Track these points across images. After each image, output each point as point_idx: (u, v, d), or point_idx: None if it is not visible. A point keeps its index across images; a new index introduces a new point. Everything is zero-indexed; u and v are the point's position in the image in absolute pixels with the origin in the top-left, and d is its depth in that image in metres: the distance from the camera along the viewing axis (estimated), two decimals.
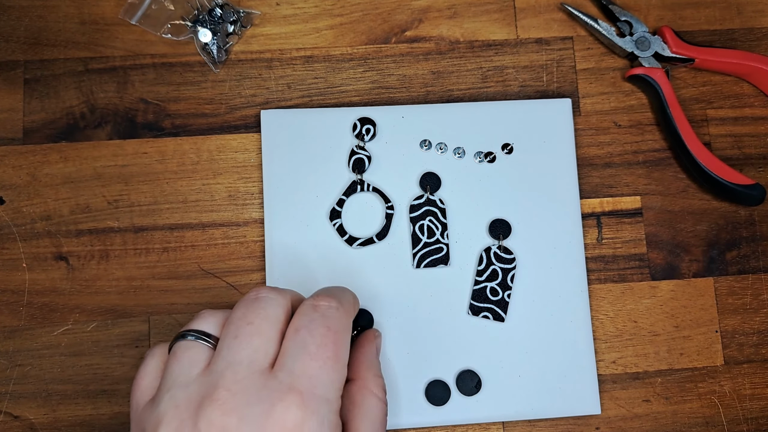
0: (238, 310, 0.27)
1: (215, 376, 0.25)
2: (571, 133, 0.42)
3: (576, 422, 0.40)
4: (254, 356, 0.25)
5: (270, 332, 0.26)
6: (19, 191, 0.41)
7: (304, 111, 0.41)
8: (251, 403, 0.24)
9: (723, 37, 0.45)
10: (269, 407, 0.23)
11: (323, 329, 0.26)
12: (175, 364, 0.26)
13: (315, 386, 0.24)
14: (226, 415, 0.23)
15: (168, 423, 0.24)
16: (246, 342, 0.25)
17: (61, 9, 0.43)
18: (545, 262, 0.40)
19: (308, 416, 0.24)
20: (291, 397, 0.24)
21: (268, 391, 0.24)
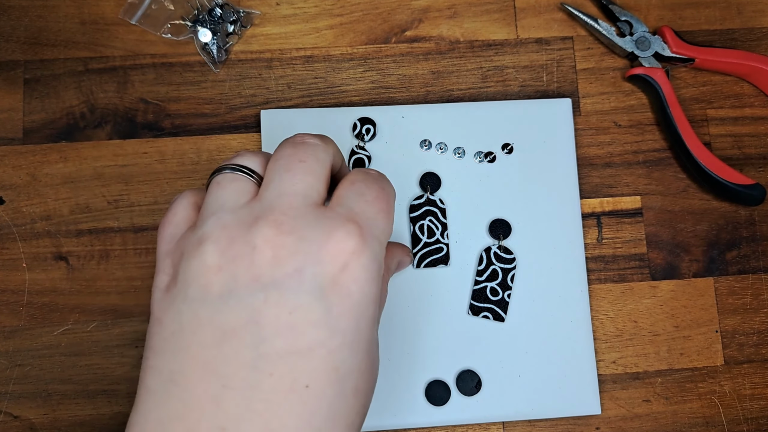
0: (285, 149, 0.25)
1: (268, 202, 0.24)
2: (571, 133, 0.42)
3: (576, 422, 0.40)
4: (309, 191, 0.24)
5: (321, 174, 0.25)
6: (19, 191, 0.41)
7: (304, 111, 0.41)
8: (310, 226, 0.23)
9: (723, 37, 0.45)
10: (329, 231, 0.23)
11: (378, 187, 0.26)
12: (220, 191, 0.25)
13: (371, 225, 0.24)
14: (284, 234, 0.23)
15: (216, 240, 0.23)
16: (300, 177, 0.24)
17: (61, 9, 0.43)
18: (545, 262, 0.40)
19: (365, 248, 0.23)
20: (351, 226, 0.23)
21: (327, 220, 0.23)
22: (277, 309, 0.22)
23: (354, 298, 0.23)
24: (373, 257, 0.24)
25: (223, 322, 0.22)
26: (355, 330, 0.23)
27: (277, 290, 0.22)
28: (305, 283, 0.22)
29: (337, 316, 0.23)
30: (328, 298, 0.23)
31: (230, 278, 0.22)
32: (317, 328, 0.22)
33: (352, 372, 0.23)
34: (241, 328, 0.22)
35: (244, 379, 0.22)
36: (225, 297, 0.22)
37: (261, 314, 0.22)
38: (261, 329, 0.22)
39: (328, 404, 0.22)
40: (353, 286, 0.23)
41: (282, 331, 0.22)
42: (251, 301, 0.22)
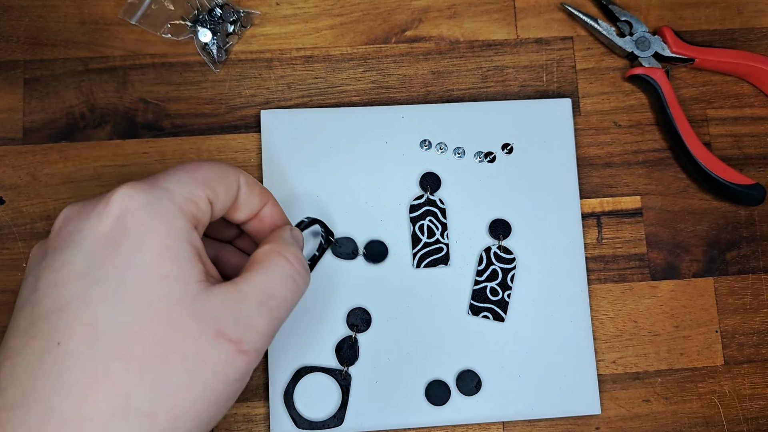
0: None
1: None
2: (571, 133, 0.42)
3: (576, 422, 0.40)
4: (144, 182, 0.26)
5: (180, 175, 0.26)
6: (19, 191, 0.40)
7: (304, 111, 0.41)
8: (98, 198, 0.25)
9: (723, 37, 0.45)
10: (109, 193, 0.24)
11: (192, 163, 0.27)
12: None
13: (157, 178, 0.25)
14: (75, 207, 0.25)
15: None
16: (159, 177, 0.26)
17: (61, 9, 0.43)
18: (545, 262, 0.40)
19: (136, 194, 0.24)
20: (124, 185, 0.24)
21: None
22: (48, 271, 0.23)
23: (120, 248, 0.22)
24: (147, 202, 0.23)
25: (19, 298, 0.24)
26: (119, 281, 0.22)
27: (51, 254, 0.23)
28: (74, 241, 0.23)
29: (99, 266, 0.22)
30: (94, 251, 0.23)
31: (33, 257, 0.25)
32: (75, 281, 0.22)
33: (114, 329, 0.21)
34: (24, 299, 0.23)
35: (14, 346, 0.22)
36: (27, 272, 0.25)
37: (38, 280, 0.23)
38: (36, 294, 0.23)
39: (82, 364, 0.21)
40: (120, 234, 0.23)
41: (48, 291, 0.22)
42: (36, 271, 0.24)
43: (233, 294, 0.24)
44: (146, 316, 0.22)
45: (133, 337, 0.22)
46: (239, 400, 0.39)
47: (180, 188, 0.25)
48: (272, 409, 0.38)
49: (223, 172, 0.27)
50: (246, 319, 0.24)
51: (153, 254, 0.23)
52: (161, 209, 0.23)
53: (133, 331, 0.22)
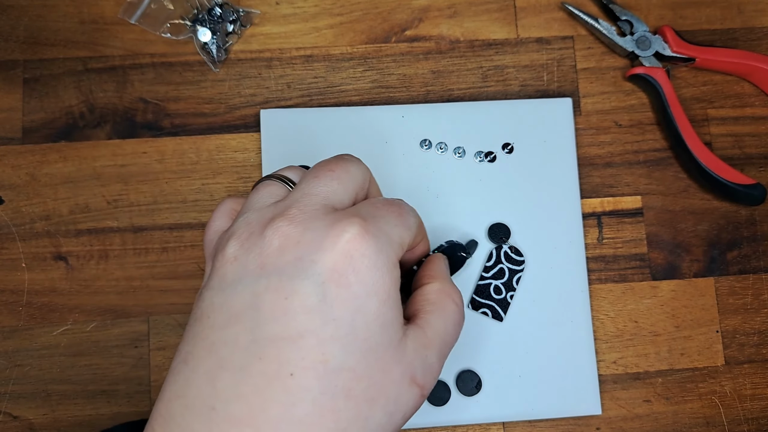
0: (322, 162, 0.27)
1: (289, 201, 0.25)
2: (571, 133, 0.42)
3: (576, 422, 0.40)
4: (330, 194, 0.26)
5: (347, 184, 0.26)
6: (18, 191, 0.40)
7: (303, 110, 0.41)
8: (318, 220, 0.24)
9: (724, 36, 0.45)
10: (332, 222, 0.24)
11: (391, 199, 0.27)
12: (254, 195, 0.27)
13: (378, 220, 0.25)
14: (292, 225, 0.24)
15: (238, 236, 0.25)
16: (325, 182, 0.26)
17: (60, 8, 0.42)
18: (545, 262, 0.40)
19: (368, 236, 0.24)
20: (354, 219, 0.24)
21: (334, 216, 0.24)
22: (275, 294, 0.23)
23: (352, 289, 0.23)
24: (376, 248, 0.24)
25: (230, 307, 0.23)
26: (350, 323, 0.23)
27: (277, 276, 0.23)
28: (303, 269, 0.23)
29: (331, 304, 0.23)
30: (324, 285, 0.23)
31: (241, 267, 0.24)
32: (310, 315, 0.22)
33: (342, 370, 0.23)
34: (242, 312, 0.23)
35: (236, 361, 0.22)
36: (235, 284, 0.24)
37: (260, 299, 0.23)
38: (259, 314, 0.23)
39: (312, 398, 0.22)
40: (352, 275, 0.23)
41: (276, 317, 0.22)
42: (254, 287, 0.23)
43: (422, 339, 0.26)
44: (367, 360, 0.23)
45: (356, 379, 0.23)
46: None
47: (396, 235, 0.25)
48: None
49: (417, 217, 0.28)
50: (430, 365, 0.26)
51: (379, 301, 0.24)
52: (387, 258, 0.24)
53: (357, 372, 0.23)
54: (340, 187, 0.26)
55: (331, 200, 0.25)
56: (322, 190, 0.26)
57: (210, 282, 0.25)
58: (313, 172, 0.27)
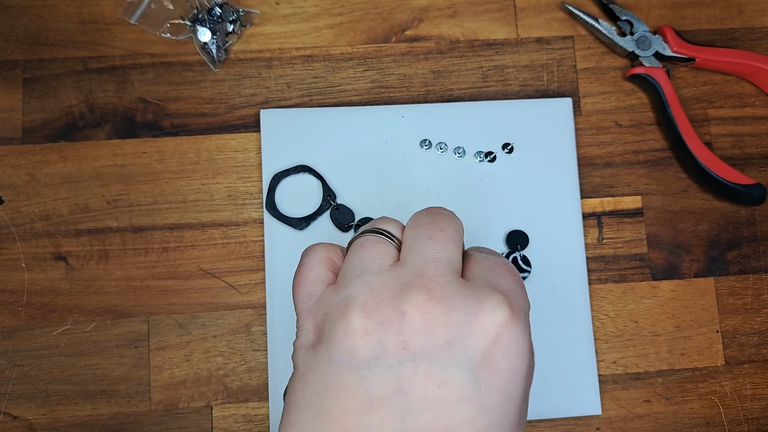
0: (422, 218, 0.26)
1: (414, 267, 0.23)
2: (571, 133, 0.42)
3: (576, 422, 0.40)
4: (452, 260, 0.24)
5: (459, 244, 0.25)
6: (18, 191, 0.40)
7: (303, 110, 0.41)
8: (459, 295, 0.22)
9: (724, 36, 0.45)
10: (479, 302, 0.22)
11: (503, 262, 0.26)
12: (364, 252, 0.25)
13: (514, 296, 0.24)
14: (433, 300, 0.22)
15: (363, 303, 0.23)
16: (443, 245, 0.24)
17: (61, 8, 0.42)
18: (546, 262, 0.40)
19: (516, 318, 0.22)
20: (498, 296, 0.23)
21: (472, 290, 0.23)
22: (426, 381, 0.21)
23: (504, 375, 0.22)
24: (522, 330, 0.23)
25: (370, 389, 0.22)
26: (503, 409, 0.22)
27: (426, 361, 0.21)
28: (456, 355, 0.22)
29: (486, 392, 0.22)
30: (478, 372, 0.22)
31: (378, 344, 0.22)
32: (466, 405, 0.21)
33: None
34: (387, 397, 0.21)
35: None
36: (372, 363, 0.22)
37: (409, 385, 0.21)
38: (408, 401, 0.21)
39: None
40: (503, 361, 0.22)
41: (430, 405, 0.21)
42: (399, 370, 0.21)
43: None
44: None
45: None
46: (239, 400, 0.39)
47: (527, 307, 0.25)
48: (272, 409, 0.38)
49: None
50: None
51: (525, 384, 0.23)
52: (528, 337, 0.23)
53: None
54: (456, 250, 0.24)
55: (455, 266, 0.24)
56: (444, 254, 0.24)
57: (332, 353, 0.22)
58: (424, 231, 0.25)
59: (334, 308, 0.23)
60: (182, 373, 0.39)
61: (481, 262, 0.25)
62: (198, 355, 0.39)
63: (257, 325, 0.40)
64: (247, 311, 0.40)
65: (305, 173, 0.40)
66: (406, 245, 0.25)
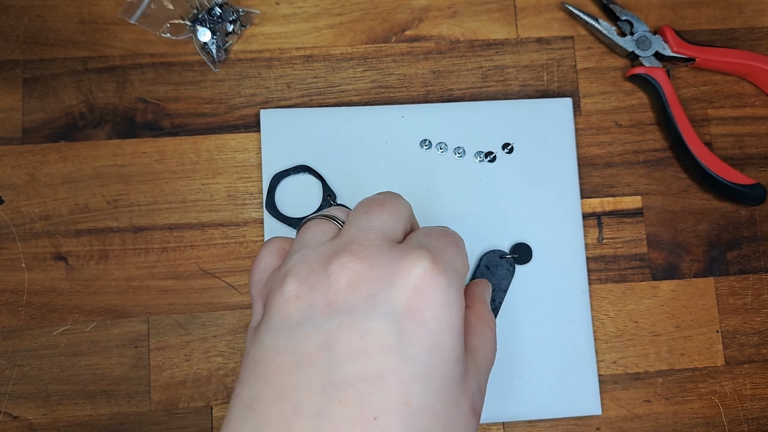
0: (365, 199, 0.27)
1: (347, 237, 0.25)
2: (571, 133, 0.42)
3: (576, 423, 0.40)
4: (386, 227, 0.25)
5: (399, 217, 0.26)
6: (18, 191, 0.40)
7: (303, 110, 0.41)
8: (384, 255, 0.23)
9: (724, 36, 0.45)
10: (401, 256, 0.23)
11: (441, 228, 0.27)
12: (305, 233, 0.26)
13: (443, 253, 0.24)
14: (358, 260, 0.23)
15: (296, 273, 0.24)
16: (377, 216, 0.25)
17: (60, 8, 0.42)
18: (545, 262, 0.40)
19: (438, 271, 0.23)
20: (421, 252, 0.23)
21: (399, 249, 0.24)
22: (350, 334, 0.22)
23: (428, 326, 0.22)
24: (447, 282, 0.23)
25: (299, 348, 0.22)
26: (428, 361, 0.22)
27: (349, 315, 0.22)
28: (377, 307, 0.22)
29: (409, 342, 0.22)
30: (400, 323, 0.22)
31: (307, 305, 0.23)
32: (388, 354, 0.22)
33: (424, 410, 0.22)
34: (314, 354, 0.22)
35: (313, 406, 0.21)
36: (302, 324, 0.23)
37: (334, 339, 0.22)
38: (333, 355, 0.22)
39: None
40: (426, 311, 0.23)
41: (353, 357, 0.22)
42: (325, 327, 0.22)
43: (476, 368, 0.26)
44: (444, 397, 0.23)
45: (436, 418, 0.22)
46: None
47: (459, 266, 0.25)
48: None
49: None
50: (482, 392, 0.26)
51: (452, 336, 0.23)
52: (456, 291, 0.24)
53: (436, 411, 0.22)
54: (393, 219, 0.26)
55: (388, 233, 0.25)
56: (377, 224, 0.25)
57: (269, 322, 0.23)
58: (363, 207, 0.26)
59: (274, 284, 0.24)
60: (182, 373, 0.39)
61: (419, 231, 0.26)
62: (198, 355, 0.39)
63: None
64: (247, 311, 0.40)
65: (305, 173, 0.40)
66: (347, 221, 0.26)
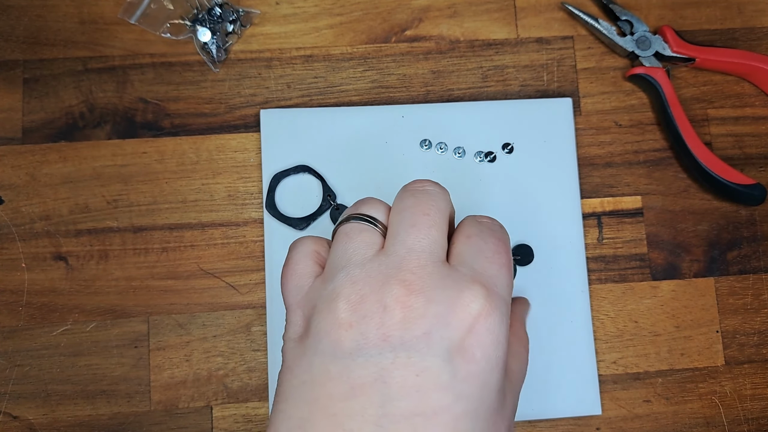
0: (406, 199, 0.26)
1: (396, 258, 0.24)
2: (571, 133, 0.42)
3: (576, 423, 0.40)
4: (434, 247, 0.24)
5: (443, 226, 0.25)
6: (18, 191, 0.40)
7: (303, 110, 0.41)
8: (438, 287, 0.23)
9: (724, 36, 0.45)
10: (457, 293, 0.23)
11: (495, 239, 0.26)
12: (348, 243, 0.25)
13: (495, 284, 0.24)
14: (413, 294, 0.23)
15: (347, 296, 0.24)
16: (425, 232, 0.25)
17: (61, 8, 0.42)
18: (545, 262, 0.40)
19: (492, 309, 0.23)
20: (477, 287, 0.23)
21: (452, 280, 0.24)
22: (405, 370, 0.22)
23: (480, 364, 0.23)
24: (499, 319, 0.24)
25: (352, 378, 0.23)
26: (478, 397, 0.23)
27: (405, 351, 0.22)
28: (433, 346, 0.23)
29: (462, 381, 0.23)
30: (454, 362, 0.23)
31: (360, 336, 0.23)
32: (443, 392, 0.22)
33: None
34: (369, 385, 0.22)
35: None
36: (355, 354, 0.23)
37: (389, 374, 0.22)
38: (388, 388, 0.22)
39: None
40: (478, 351, 0.23)
41: (408, 393, 0.22)
42: (380, 360, 0.22)
43: (511, 389, 0.26)
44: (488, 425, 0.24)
45: None
46: (239, 400, 0.39)
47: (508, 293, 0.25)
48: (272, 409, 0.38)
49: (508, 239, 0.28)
50: (515, 410, 0.27)
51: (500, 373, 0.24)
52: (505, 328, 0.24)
53: None
54: (440, 234, 0.25)
55: (437, 253, 0.24)
56: (426, 243, 0.24)
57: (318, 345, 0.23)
58: (408, 217, 0.25)
59: (320, 301, 0.24)
60: (182, 373, 0.39)
61: (471, 240, 0.26)
62: (198, 355, 0.39)
63: (257, 325, 0.40)
64: (247, 311, 0.40)
65: (305, 173, 0.40)
66: (391, 232, 0.25)
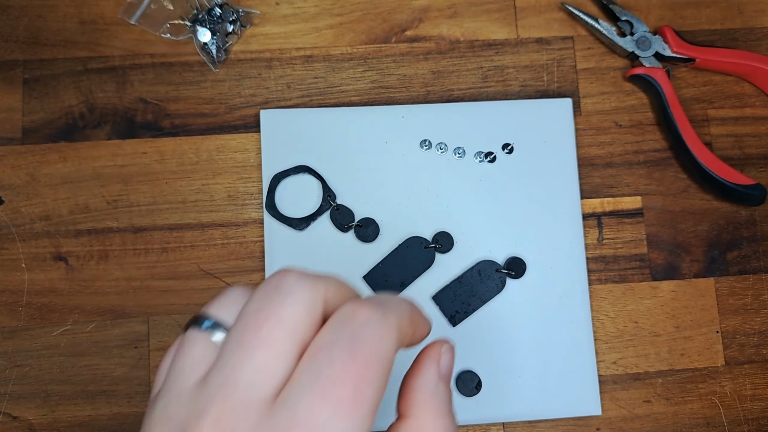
0: (254, 301, 0.20)
1: (206, 397, 0.19)
2: (571, 133, 0.42)
3: (576, 423, 0.40)
4: (255, 379, 0.19)
5: (283, 344, 0.19)
6: (18, 191, 0.40)
7: (303, 111, 0.41)
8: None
9: (724, 36, 0.45)
10: None
11: (347, 356, 0.19)
12: (177, 359, 0.21)
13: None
14: None
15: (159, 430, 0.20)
16: (248, 355, 0.19)
17: (61, 9, 0.42)
18: (545, 262, 0.40)
19: None
20: None
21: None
22: None
23: None
24: None
25: None
26: None
27: None
28: None
29: None
30: None
31: None
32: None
33: None
34: None
35: None
36: None
37: None
38: None
39: None
40: None
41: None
42: None
43: None
44: None
45: None
46: None
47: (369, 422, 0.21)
48: None
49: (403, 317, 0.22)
50: None
51: None
52: None
53: None
54: (269, 355, 0.19)
55: (258, 387, 0.19)
56: (244, 374, 0.19)
57: None
58: (239, 332, 0.20)
59: (144, 423, 0.20)
60: None
61: (313, 360, 0.19)
62: None
63: None
64: None
65: (305, 173, 0.40)
66: (220, 351, 0.20)
